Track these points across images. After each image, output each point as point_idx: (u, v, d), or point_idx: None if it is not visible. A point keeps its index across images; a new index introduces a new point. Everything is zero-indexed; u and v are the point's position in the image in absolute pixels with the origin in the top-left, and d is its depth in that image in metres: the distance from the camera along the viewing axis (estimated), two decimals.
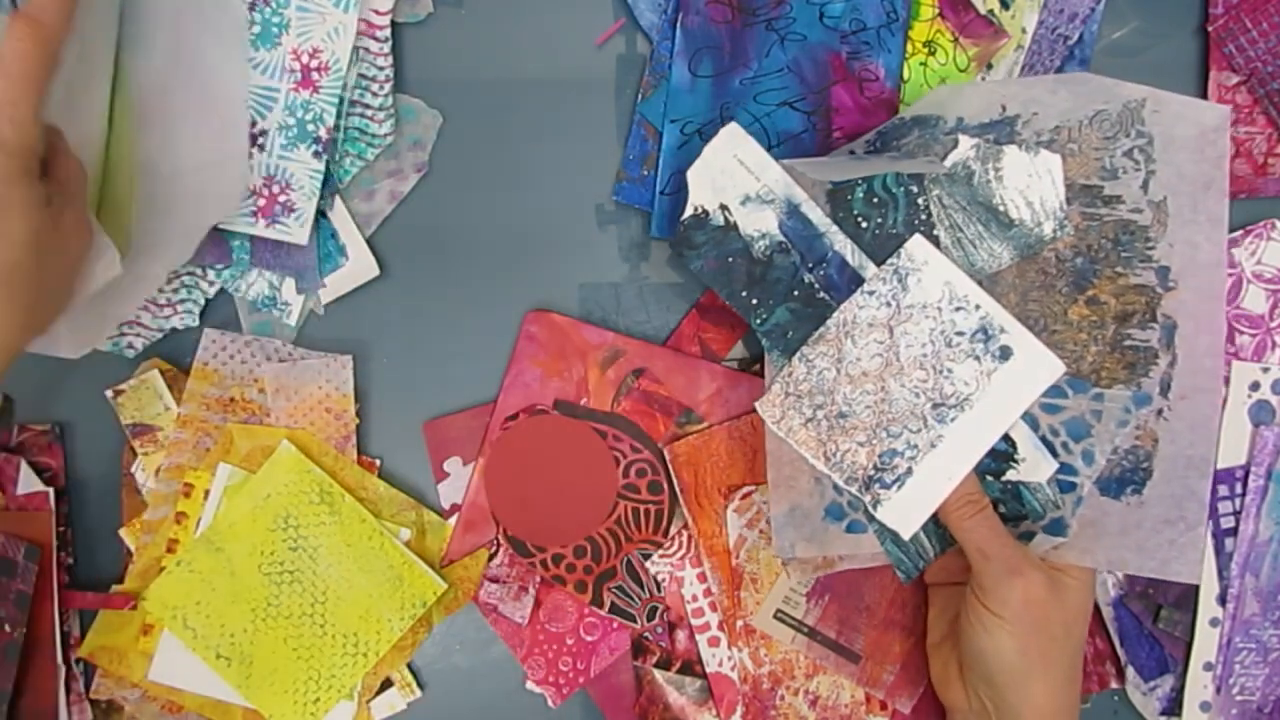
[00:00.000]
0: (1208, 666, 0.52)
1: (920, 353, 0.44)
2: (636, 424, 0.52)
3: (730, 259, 0.46)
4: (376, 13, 0.49)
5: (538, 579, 0.52)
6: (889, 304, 0.44)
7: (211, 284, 0.51)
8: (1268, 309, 0.51)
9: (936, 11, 0.51)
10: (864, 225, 0.44)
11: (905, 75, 0.51)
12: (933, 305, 0.44)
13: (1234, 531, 0.51)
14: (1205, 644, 0.52)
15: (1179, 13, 0.53)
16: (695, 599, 0.52)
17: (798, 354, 0.45)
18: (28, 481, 0.51)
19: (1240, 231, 0.51)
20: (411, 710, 0.52)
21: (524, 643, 0.52)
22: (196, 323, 0.51)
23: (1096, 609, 0.53)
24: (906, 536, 0.44)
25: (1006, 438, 0.45)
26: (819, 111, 0.51)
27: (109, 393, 0.51)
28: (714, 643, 0.52)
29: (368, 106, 0.50)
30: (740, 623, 0.52)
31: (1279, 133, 0.52)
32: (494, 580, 0.52)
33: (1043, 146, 0.44)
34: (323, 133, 0.49)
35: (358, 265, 0.51)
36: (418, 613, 0.50)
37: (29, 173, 0.40)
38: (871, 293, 0.44)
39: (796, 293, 0.45)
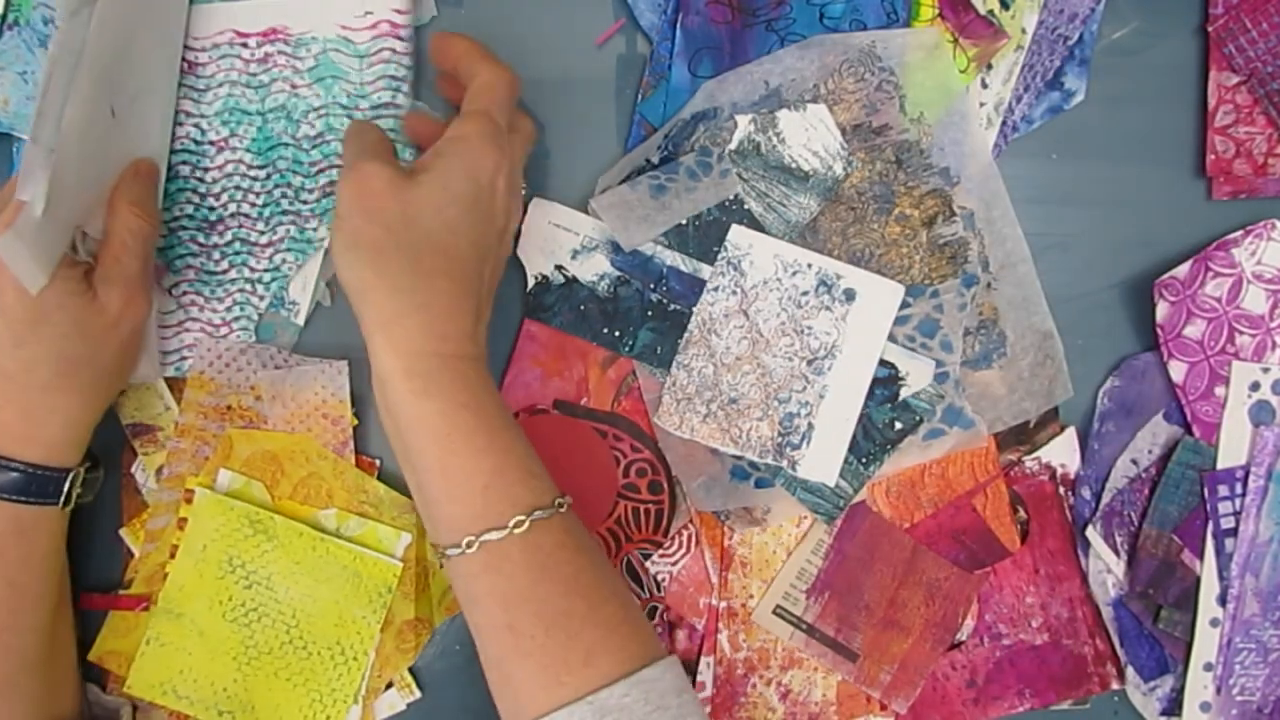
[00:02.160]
0: (1208, 667, 0.52)
1: (778, 323, 0.49)
2: (637, 424, 0.52)
3: (582, 307, 0.50)
4: (398, 13, 0.49)
5: None
6: (735, 292, 0.49)
7: (262, 298, 0.51)
8: (1268, 309, 0.51)
9: (936, 12, 0.51)
10: (683, 222, 0.49)
11: None
12: (772, 279, 0.49)
13: (1234, 532, 0.51)
14: (1205, 644, 0.52)
15: (1179, 13, 0.53)
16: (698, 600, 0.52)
17: (674, 363, 0.49)
18: None
19: (1240, 231, 0.51)
20: (411, 710, 0.52)
21: None
22: (254, 338, 0.51)
23: (1096, 609, 0.53)
24: (831, 483, 0.49)
25: (886, 362, 0.49)
26: None
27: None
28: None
29: (399, 107, 0.50)
30: (724, 604, 0.52)
31: (1279, 133, 0.52)
32: None
33: (809, 104, 0.49)
34: None
35: None
36: (388, 599, 0.50)
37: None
38: (716, 288, 0.49)
39: (650, 313, 0.50)
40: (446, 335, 0.40)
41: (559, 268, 0.51)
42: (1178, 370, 0.52)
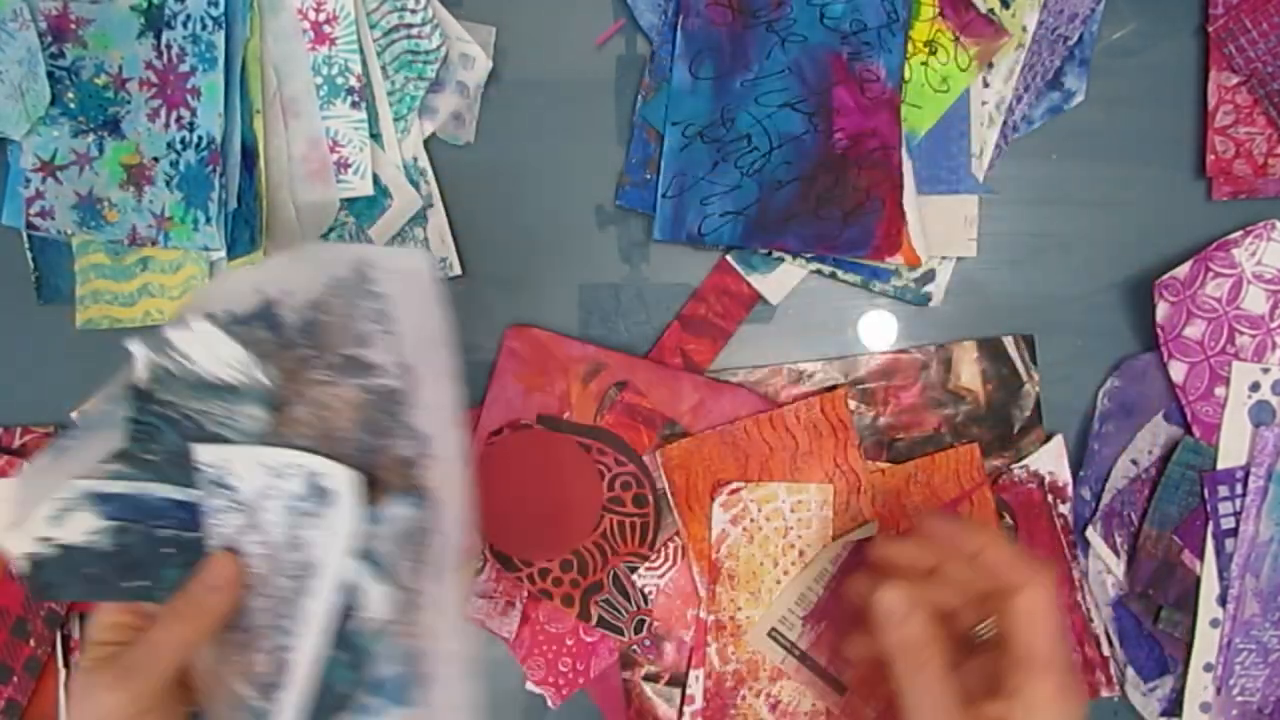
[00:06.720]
0: (1208, 667, 0.52)
1: (285, 536, 0.39)
2: (620, 437, 0.52)
3: (90, 572, 0.41)
4: None
5: (524, 593, 0.52)
6: (235, 508, 0.40)
7: None
8: (1268, 309, 0.51)
9: (937, 11, 0.51)
10: (149, 460, 0.40)
11: (906, 75, 0.51)
12: (267, 487, 0.39)
13: (1234, 532, 0.51)
14: (1205, 645, 0.52)
15: (1179, 13, 0.53)
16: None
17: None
18: None
19: (1240, 231, 0.51)
20: None
21: (524, 643, 0.52)
22: None
23: (1087, 616, 0.53)
24: None
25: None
26: (820, 113, 0.51)
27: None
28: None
29: (410, 25, 0.50)
30: (712, 617, 0.52)
31: (1279, 133, 0.52)
32: (480, 595, 0.52)
33: (308, 324, 0.40)
34: (354, 81, 0.50)
35: (402, 201, 0.51)
36: None
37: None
38: (214, 510, 0.40)
39: (166, 550, 0.41)
40: None
41: (43, 539, 0.40)
42: (1178, 370, 0.52)
